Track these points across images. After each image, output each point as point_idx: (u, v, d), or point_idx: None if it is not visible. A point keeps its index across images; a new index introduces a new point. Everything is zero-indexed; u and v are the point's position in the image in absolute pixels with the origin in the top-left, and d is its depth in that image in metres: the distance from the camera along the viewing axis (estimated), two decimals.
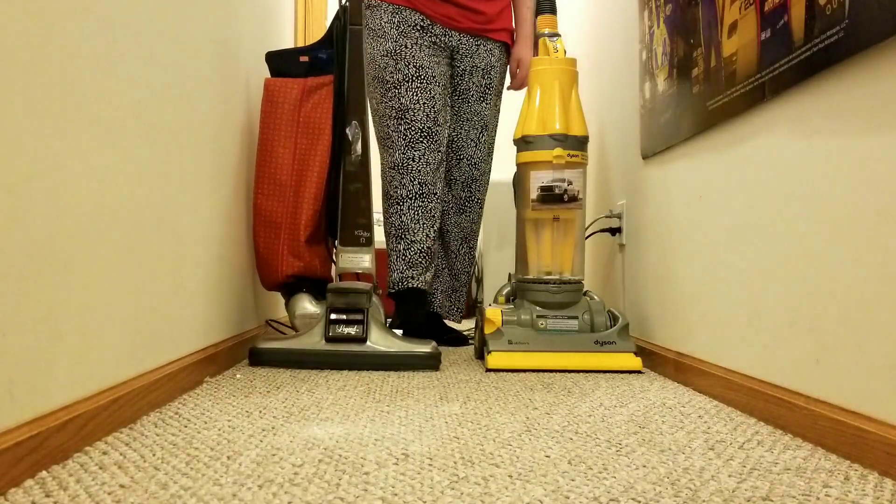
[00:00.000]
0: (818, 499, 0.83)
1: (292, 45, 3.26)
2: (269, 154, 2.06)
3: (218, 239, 1.75)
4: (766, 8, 1.27)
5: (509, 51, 2.44)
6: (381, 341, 1.86)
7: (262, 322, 2.34)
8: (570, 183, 2.02)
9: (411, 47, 2.25)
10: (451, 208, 2.43)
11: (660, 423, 1.23)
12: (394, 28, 2.25)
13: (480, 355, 2.07)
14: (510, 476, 0.91)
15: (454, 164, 2.41)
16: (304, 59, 2.11)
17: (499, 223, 3.25)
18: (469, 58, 2.35)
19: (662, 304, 1.87)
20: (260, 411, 1.27)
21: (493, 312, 1.96)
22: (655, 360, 1.87)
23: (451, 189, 2.42)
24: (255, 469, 0.92)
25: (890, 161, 0.96)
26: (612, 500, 0.82)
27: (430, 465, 0.95)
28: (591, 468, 0.95)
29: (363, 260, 2.01)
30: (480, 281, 3.37)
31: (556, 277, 2.03)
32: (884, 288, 0.97)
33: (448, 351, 2.26)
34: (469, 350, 2.32)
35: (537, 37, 2.25)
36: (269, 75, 2.13)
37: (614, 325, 1.94)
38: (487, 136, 2.43)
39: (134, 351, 1.21)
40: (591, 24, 2.81)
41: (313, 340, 1.86)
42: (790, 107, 1.23)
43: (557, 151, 2.00)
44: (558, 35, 2.20)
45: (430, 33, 2.28)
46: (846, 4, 1.03)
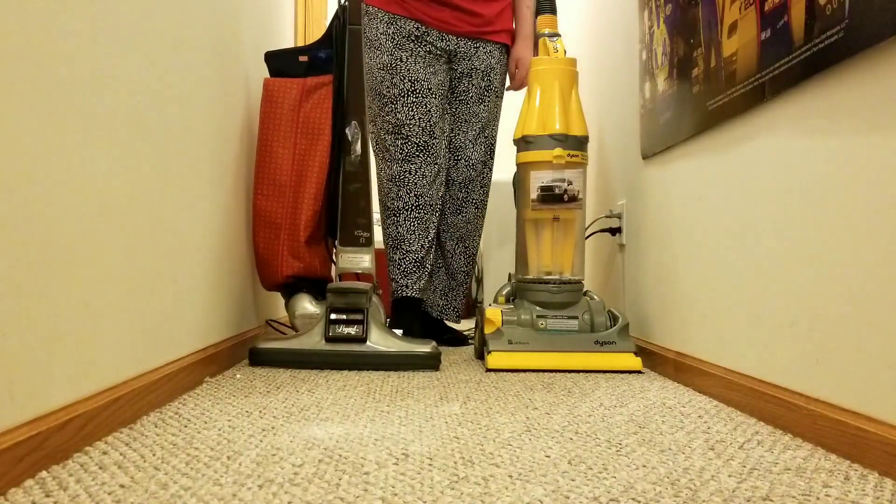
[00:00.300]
0: (818, 499, 0.83)
1: (292, 44, 3.26)
2: (269, 154, 2.06)
3: (218, 239, 1.75)
4: (766, 8, 1.27)
5: (510, 51, 2.43)
6: (381, 341, 1.86)
7: (262, 322, 2.34)
8: (570, 183, 2.02)
9: (406, 60, 2.25)
10: (448, 208, 2.43)
11: (660, 423, 1.23)
12: (389, 40, 2.25)
13: (480, 355, 2.07)
14: (510, 476, 0.91)
15: (452, 164, 2.41)
16: (304, 58, 2.11)
17: (499, 223, 3.25)
18: (468, 60, 2.34)
19: (662, 304, 1.87)
20: (260, 411, 1.27)
21: (493, 312, 1.96)
22: (655, 360, 1.87)
23: (449, 189, 2.42)
24: (255, 469, 0.92)
25: (890, 161, 0.96)
26: (612, 500, 0.82)
27: (430, 465, 0.95)
28: (591, 468, 0.95)
29: (363, 260, 2.01)
30: (480, 281, 3.37)
31: (557, 277, 2.03)
32: (884, 288, 0.97)
33: (448, 351, 2.26)
34: (469, 350, 2.32)
35: (537, 37, 2.25)
36: (269, 75, 2.13)
37: (614, 325, 1.94)
38: (486, 137, 2.42)
39: (134, 351, 1.21)
40: (591, 24, 2.81)
41: (313, 340, 1.86)
42: (790, 107, 1.23)
43: (557, 151, 2.00)
44: (558, 35, 2.20)
45: (426, 42, 2.27)
46: (846, 4, 1.03)
